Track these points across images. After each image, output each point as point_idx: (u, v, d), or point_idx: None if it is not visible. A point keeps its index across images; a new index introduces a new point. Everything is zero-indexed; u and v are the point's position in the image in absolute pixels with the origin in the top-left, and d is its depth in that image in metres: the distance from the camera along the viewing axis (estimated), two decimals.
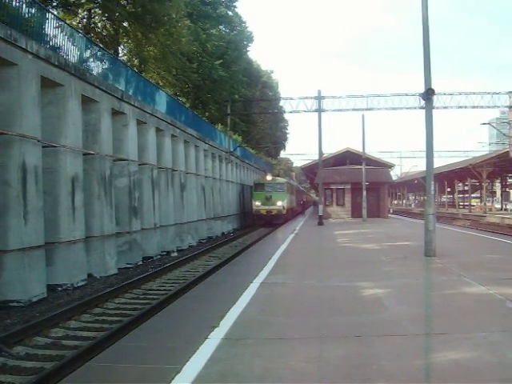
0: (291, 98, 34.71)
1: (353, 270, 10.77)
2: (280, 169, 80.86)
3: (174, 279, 15.15)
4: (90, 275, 14.76)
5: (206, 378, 4.37)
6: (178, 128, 24.51)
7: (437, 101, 31.78)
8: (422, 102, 15.53)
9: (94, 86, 15.65)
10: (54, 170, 13.58)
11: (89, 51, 17.13)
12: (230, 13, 46.38)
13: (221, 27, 44.76)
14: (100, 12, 29.14)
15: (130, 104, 18.60)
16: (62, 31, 15.10)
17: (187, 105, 38.01)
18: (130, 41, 31.39)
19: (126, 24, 29.45)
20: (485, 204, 51.47)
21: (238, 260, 15.16)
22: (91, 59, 17.24)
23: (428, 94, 12.79)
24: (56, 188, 13.57)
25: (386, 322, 6.22)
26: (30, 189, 12.01)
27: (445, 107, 33.72)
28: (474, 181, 53.73)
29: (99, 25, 30.26)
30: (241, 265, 13.50)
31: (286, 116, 73.79)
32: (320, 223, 28.80)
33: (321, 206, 30.91)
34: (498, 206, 63.37)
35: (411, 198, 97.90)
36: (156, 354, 5.19)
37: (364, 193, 32.83)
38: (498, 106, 35.82)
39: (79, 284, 13.70)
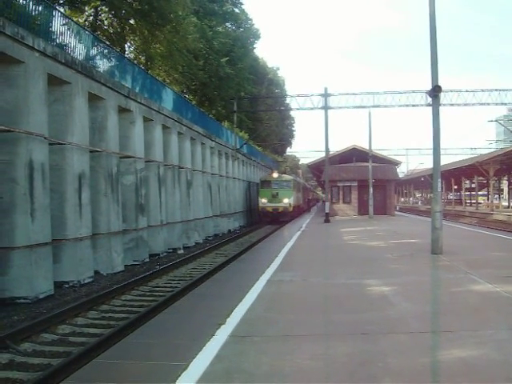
0: (297, 95, 34.65)
1: (359, 267, 10.76)
2: (286, 166, 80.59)
3: (180, 276, 15.18)
4: (96, 272, 14.81)
5: (212, 375, 4.38)
6: (185, 125, 24.52)
7: (443, 98, 31.68)
8: (429, 100, 15.47)
9: (100, 83, 15.68)
10: (61, 168, 13.62)
11: (95, 49, 17.17)
12: (237, 10, 46.38)
13: (227, 24, 44.75)
14: (106, 9, 29.21)
15: (137, 101, 18.62)
16: (68, 29, 15.14)
17: (194, 102, 38.00)
18: (136, 38, 31.43)
19: (132, 21, 29.49)
20: (492, 201, 51.23)
21: (244, 257, 15.17)
22: (98, 57, 17.27)
23: (435, 91, 12.73)
24: (63, 185, 13.62)
25: (392, 319, 6.21)
26: (37, 186, 12.06)
27: (451, 104, 33.58)
28: (480, 178, 53.48)
29: (106, 22, 30.33)
30: (247, 262, 13.51)
31: (293, 113, 73.71)
32: (326, 220, 28.77)
33: (327, 204, 30.88)
34: (505, 203, 63.05)
35: (418, 195, 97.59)
36: (162, 351, 5.21)
37: (370, 190, 32.75)
38: (506, 104, 35.61)
39: (86, 281, 13.75)
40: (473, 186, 63.77)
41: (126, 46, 32.47)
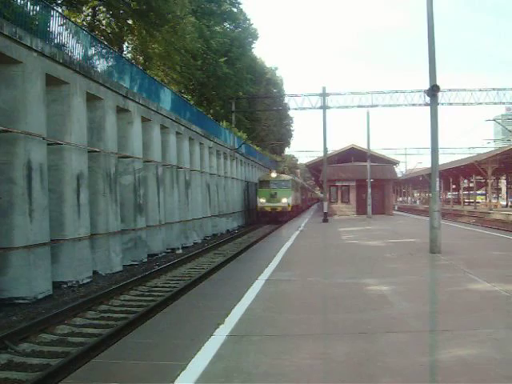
0: (296, 95, 34.75)
1: (358, 266, 10.76)
2: (285, 166, 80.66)
3: (179, 276, 15.17)
4: (95, 272, 14.79)
5: (211, 374, 4.38)
6: (183, 125, 24.51)
7: (441, 97, 31.81)
8: (427, 99, 15.50)
9: (98, 83, 15.66)
10: (59, 168, 13.61)
11: (93, 49, 17.14)
12: (235, 9, 46.36)
13: (225, 24, 44.74)
14: (104, 9, 29.19)
15: (135, 101, 18.60)
16: (66, 29, 15.12)
17: (192, 102, 37.98)
18: (134, 38, 31.42)
19: (130, 21, 29.48)
20: (490, 201, 51.29)
21: (242, 257, 15.16)
22: (96, 57, 17.25)
23: (433, 90, 12.73)
24: (61, 185, 13.60)
25: (391, 318, 6.21)
26: (36, 186, 12.04)
27: (449, 104, 33.72)
28: (479, 177, 53.51)
29: (104, 22, 30.31)
30: (246, 262, 13.50)
31: (291, 113, 73.73)
32: (325, 220, 28.78)
33: (325, 203, 30.86)
34: (504, 202, 63.15)
35: (416, 194, 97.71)
36: (161, 350, 5.20)
37: (369, 190, 32.75)
38: (503, 103, 35.79)
39: (84, 281, 13.73)
40: (471, 185, 63.85)
41: (124, 45, 32.47)
